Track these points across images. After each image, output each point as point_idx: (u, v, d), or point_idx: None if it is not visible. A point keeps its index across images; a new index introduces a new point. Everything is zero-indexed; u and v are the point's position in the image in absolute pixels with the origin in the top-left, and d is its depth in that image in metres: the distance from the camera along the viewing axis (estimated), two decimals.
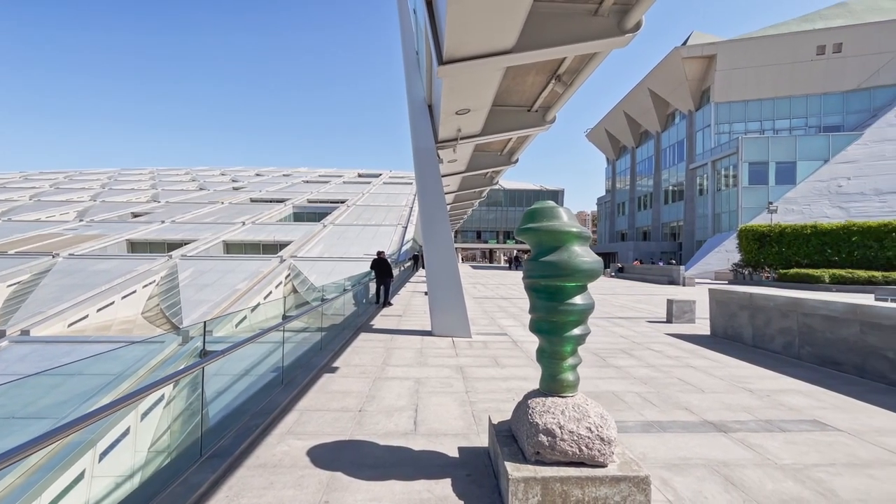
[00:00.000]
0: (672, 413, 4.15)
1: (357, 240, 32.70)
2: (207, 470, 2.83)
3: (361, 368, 5.61)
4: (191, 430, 3.06)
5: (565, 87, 7.09)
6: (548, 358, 2.80)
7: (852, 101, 36.21)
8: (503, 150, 12.73)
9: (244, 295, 23.26)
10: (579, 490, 2.39)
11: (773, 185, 34.08)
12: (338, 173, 74.55)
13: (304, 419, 3.87)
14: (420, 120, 8.07)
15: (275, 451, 3.23)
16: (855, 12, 38.53)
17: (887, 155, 31.94)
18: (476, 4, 3.83)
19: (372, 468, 2.98)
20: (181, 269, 27.28)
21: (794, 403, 4.46)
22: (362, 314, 10.16)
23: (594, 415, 2.59)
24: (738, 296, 7.63)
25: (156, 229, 36.10)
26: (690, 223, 42.41)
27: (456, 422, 3.86)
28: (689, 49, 39.07)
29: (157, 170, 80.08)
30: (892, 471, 3.03)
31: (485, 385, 4.99)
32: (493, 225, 76.43)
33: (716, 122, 39.12)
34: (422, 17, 5.32)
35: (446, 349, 6.86)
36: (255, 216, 39.53)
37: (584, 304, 2.71)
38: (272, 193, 52.89)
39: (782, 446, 3.42)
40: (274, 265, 27.27)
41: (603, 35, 4.82)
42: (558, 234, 2.67)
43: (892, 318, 5.09)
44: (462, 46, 4.67)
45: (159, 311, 23.28)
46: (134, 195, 52.05)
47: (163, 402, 3.61)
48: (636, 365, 6.01)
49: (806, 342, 6.27)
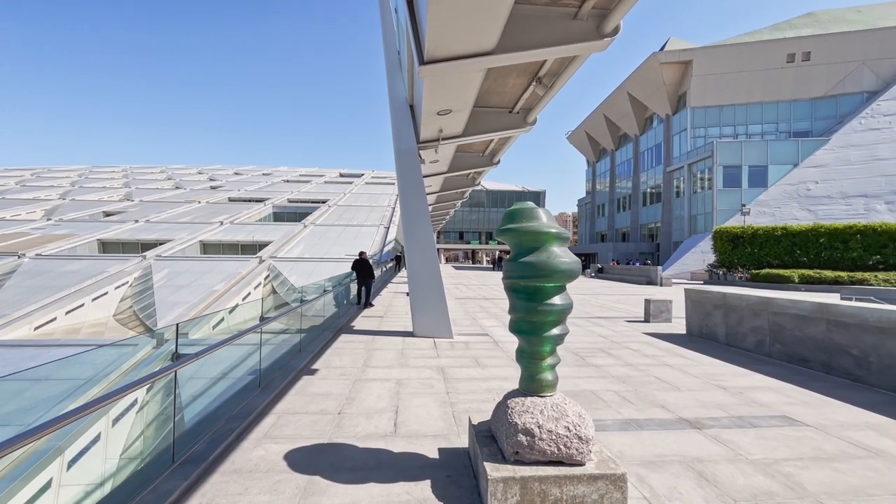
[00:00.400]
0: (649, 411, 4.23)
1: (338, 240, 32.39)
2: (179, 476, 2.75)
3: (341, 370, 5.55)
4: (163, 435, 2.97)
5: (546, 90, 7.16)
6: (527, 358, 2.81)
7: (820, 107, 37.63)
8: (485, 151, 12.79)
9: (222, 296, 22.78)
10: (557, 489, 2.40)
11: (746, 188, 35.15)
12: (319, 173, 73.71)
13: (282, 422, 3.80)
14: (402, 120, 8.04)
15: (250, 456, 3.16)
16: (822, 22, 40.10)
17: (852, 160, 33.30)
18: (457, 5, 3.84)
19: (351, 471, 2.95)
20: (156, 269, 26.54)
21: (765, 400, 4.59)
22: (343, 315, 10.05)
23: (572, 414, 2.61)
24: (713, 295, 7.84)
25: (129, 229, 35.04)
26: (668, 224, 43.38)
27: (436, 423, 3.85)
28: (667, 55, 39.98)
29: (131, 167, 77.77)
30: (855, 464, 3.15)
31: (466, 386, 4.99)
32: (475, 225, 76.69)
33: (692, 126, 40.12)
34: (403, 16, 5.30)
35: (428, 350, 6.84)
36: (233, 216, 38.76)
37: (562, 305, 2.74)
38: (251, 193, 51.94)
39: (753, 442, 3.52)
40: (253, 266, 26.79)
41: (582, 38, 4.89)
42: (538, 235, 2.69)
43: (856, 317, 5.30)
44: (443, 47, 4.67)
45: (132, 314, 22.59)
46: (106, 193, 50.40)
47: (135, 407, 3.50)
48: (614, 364, 6.10)
49: (776, 340, 6.47)
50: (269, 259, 27.55)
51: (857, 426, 3.88)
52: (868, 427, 3.86)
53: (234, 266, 26.75)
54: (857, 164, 32.96)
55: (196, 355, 2.90)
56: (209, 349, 3.06)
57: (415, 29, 4.86)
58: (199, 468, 2.89)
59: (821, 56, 36.57)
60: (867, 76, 36.26)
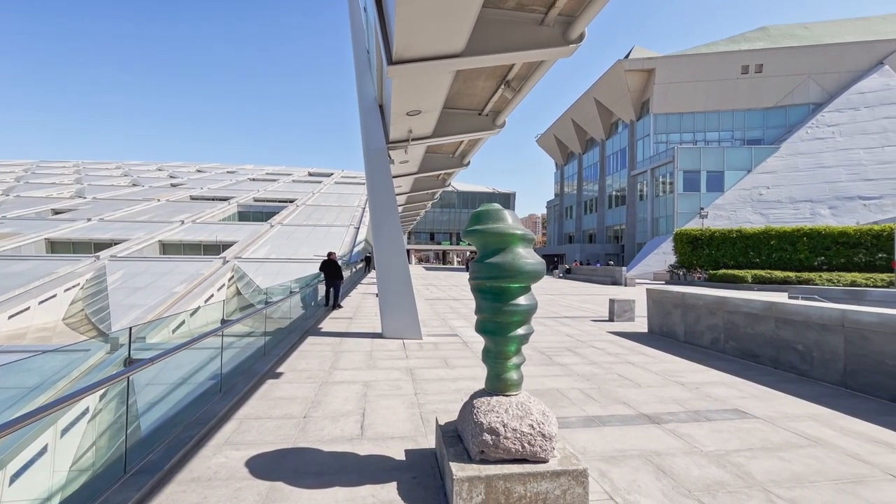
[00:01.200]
0: (611, 407, 4.35)
1: (307, 240, 31.75)
2: (132, 488, 2.62)
3: (308, 373, 5.44)
4: (115, 445, 2.82)
5: (514, 93, 7.28)
6: (493, 358, 2.84)
7: (771, 117, 39.88)
8: (455, 153, 12.85)
9: (182, 298, 21.92)
10: (521, 486, 2.44)
11: (705, 192, 36.81)
12: (287, 171, 72.06)
13: (244, 428, 3.69)
14: (371, 120, 7.97)
15: (210, 464, 3.05)
16: (773, 37, 42.53)
17: (800, 167, 35.45)
18: (425, 7, 3.84)
19: (315, 476, 2.89)
20: (110, 270, 25.24)
21: (719, 394, 4.82)
22: (310, 317, 9.86)
23: (536, 412, 2.66)
24: (672, 295, 8.16)
25: (81, 228, 33.17)
26: (632, 226, 44.86)
27: (404, 424, 3.83)
28: (631, 62, 41.38)
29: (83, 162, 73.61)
30: (799, 453, 3.35)
31: (434, 387, 4.99)
32: (446, 226, 76.91)
33: (654, 132, 41.67)
34: (372, 15, 5.26)
35: (396, 351, 6.80)
36: (195, 215, 37.33)
37: (527, 305, 2.79)
38: (215, 191, 50.18)
39: (708, 434, 3.69)
40: (216, 266, 25.91)
41: (548, 44, 4.99)
42: (503, 237, 2.73)
43: (801, 315, 5.64)
44: (412, 48, 4.66)
45: (84, 317, 21.40)
46: (55, 190, 47.49)
47: (86, 416, 3.31)
48: (580, 362, 6.25)
49: (730, 337, 6.80)
50: (233, 260, 26.71)
51: (800, 417, 4.13)
52: (811, 418, 4.12)
53: (196, 267, 25.78)
54: (804, 171, 35.12)
55: (151, 360, 2.78)
56: (166, 353, 2.94)
57: (384, 29, 4.83)
58: (154, 478, 2.76)
59: (772, 69, 38.76)
60: (813, 89, 38.71)
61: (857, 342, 4.97)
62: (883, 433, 3.76)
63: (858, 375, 4.94)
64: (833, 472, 3.05)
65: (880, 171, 33.13)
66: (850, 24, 44.05)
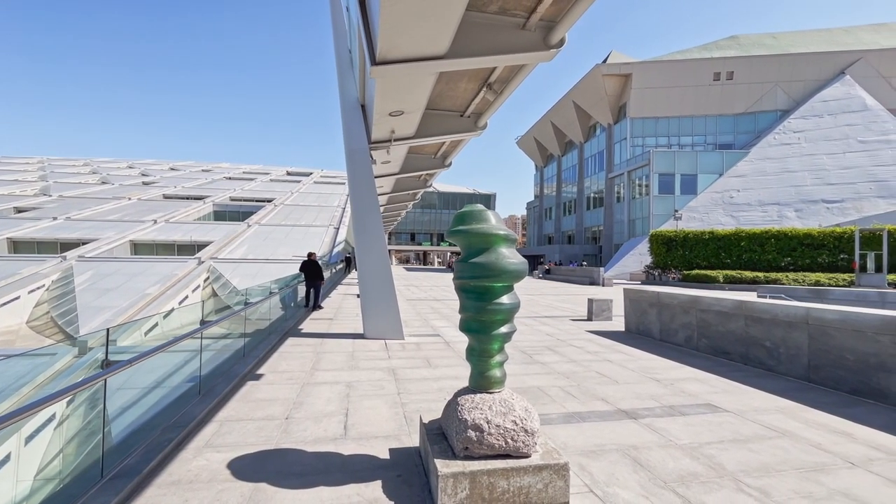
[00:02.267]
0: (590, 404, 4.47)
1: (285, 241, 31.24)
2: (109, 492, 2.57)
3: (289, 374, 5.39)
4: (90, 450, 2.76)
5: (496, 96, 7.37)
6: (477, 356, 2.89)
7: (741, 122, 41.31)
8: (437, 154, 12.90)
9: (155, 300, 21.30)
10: (505, 481, 2.50)
11: (679, 194, 37.84)
12: (264, 170, 70.73)
13: (225, 430, 3.64)
14: (353, 120, 7.94)
15: (190, 467, 3.01)
16: (744, 45, 44.09)
17: (768, 171, 36.83)
18: (410, 9, 3.87)
19: (299, 476, 2.89)
20: (77, 271, 24.33)
21: (693, 390, 5.00)
22: (290, 318, 9.73)
23: (519, 408, 2.72)
24: (648, 295, 8.39)
25: (46, 227, 31.84)
26: (609, 228, 45.76)
27: (387, 424, 3.85)
28: (608, 67, 42.23)
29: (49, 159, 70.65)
30: (766, 443, 3.52)
31: (417, 386, 5.02)
32: (427, 227, 76.84)
33: (631, 136, 42.61)
34: (355, 15, 5.26)
35: (378, 352, 6.79)
36: (168, 214, 36.29)
37: (510, 304, 2.84)
38: (189, 190, 48.85)
39: (682, 428, 3.83)
40: (191, 267, 25.26)
41: (530, 48, 5.09)
42: (487, 237, 2.78)
43: (768, 313, 5.89)
44: (395, 49, 4.69)
45: (49, 320, 20.56)
46: (18, 187, 45.41)
47: (54, 421, 3.21)
48: (560, 361, 6.38)
49: (703, 335, 7.04)
50: (209, 260, 26.08)
51: (768, 410, 4.32)
52: (778, 411, 4.31)
53: (170, 267, 25.08)
54: (772, 175, 36.51)
55: (129, 362, 2.72)
56: (143, 355, 2.88)
57: (367, 29, 4.84)
58: (133, 481, 2.71)
59: (742, 76, 40.16)
60: (780, 96, 40.28)
61: (819, 338, 5.23)
62: (843, 424, 3.97)
63: (821, 370, 5.20)
64: (798, 461, 3.21)
65: (842, 175, 34.72)
66: (815, 35, 46.04)
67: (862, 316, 4.80)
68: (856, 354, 4.84)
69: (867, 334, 4.73)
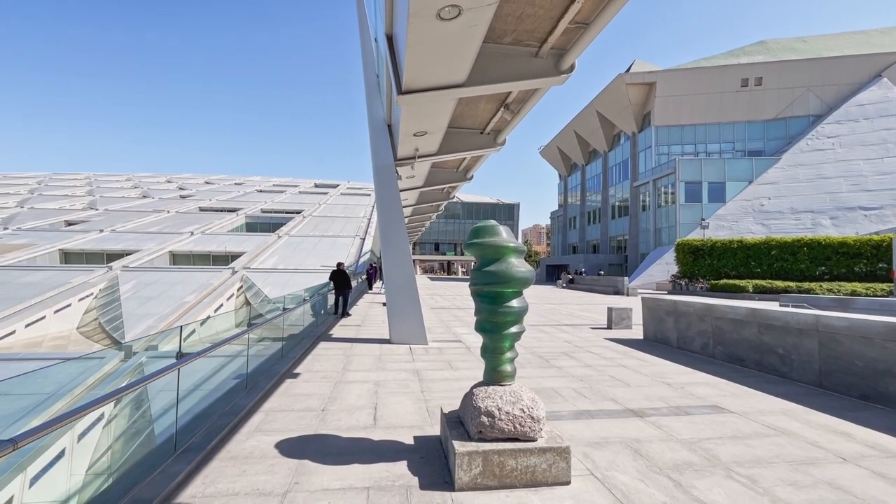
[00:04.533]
0: (600, 404, 4.78)
1: (313, 251, 32.30)
2: (182, 462, 3.09)
3: (323, 374, 5.90)
4: (164, 428, 3.29)
5: (513, 115, 7.81)
6: (490, 353, 3.31)
7: (771, 129, 40.34)
8: (459, 168, 13.40)
9: (193, 308, 22.43)
10: (513, 460, 2.89)
11: (706, 202, 37.14)
12: (294, 183, 73.08)
13: (270, 418, 4.15)
14: (380, 139, 8.52)
15: (244, 446, 3.52)
16: (772, 50, 43.20)
17: (800, 178, 35.78)
18: (430, 50, 4.38)
19: (336, 456, 3.35)
20: (123, 280, 25.85)
21: (702, 393, 5.23)
22: (321, 324, 10.33)
23: (527, 399, 3.11)
24: (665, 303, 8.57)
25: (93, 238, 33.95)
26: (635, 237, 45.17)
27: (412, 416, 4.28)
28: (632, 76, 42.09)
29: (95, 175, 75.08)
30: (763, 440, 3.77)
31: (439, 385, 5.44)
32: (451, 237, 77.49)
33: (656, 144, 42.19)
34: (383, 48, 5.82)
35: (404, 355, 7.25)
36: (204, 226, 38.06)
37: (519, 307, 3.25)
38: (223, 202, 51.04)
39: (685, 426, 4.10)
40: (225, 277, 26.45)
41: (542, 74, 5.52)
42: (498, 248, 3.21)
43: (780, 321, 6.05)
44: (419, 80, 5.20)
45: (98, 326, 21.95)
46: (68, 202, 48.52)
47: (142, 401, 3.74)
48: (575, 365, 6.67)
49: (718, 343, 7.20)
50: (241, 270, 27.26)
51: (773, 412, 4.54)
52: (782, 413, 4.52)
53: (206, 277, 26.34)
54: (805, 182, 35.43)
55: (199, 353, 3.26)
56: (212, 347, 3.42)
57: (394, 63, 5.38)
58: (200, 455, 3.23)
59: (771, 81, 39.32)
60: (813, 101, 39.18)
61: (829, 345, 5.38)
62: (845, 425, 4.16)
63: (832, 376, 5.34)
64: (791, 455, 3.47)
65: (880, 181, 33.39)
66: (849, 38, 44.67)
67: (869, 323, 4.95)
68: (864, 360, 4.98)
69: (874, 341, 4.88)
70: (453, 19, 3.76)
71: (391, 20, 5.00)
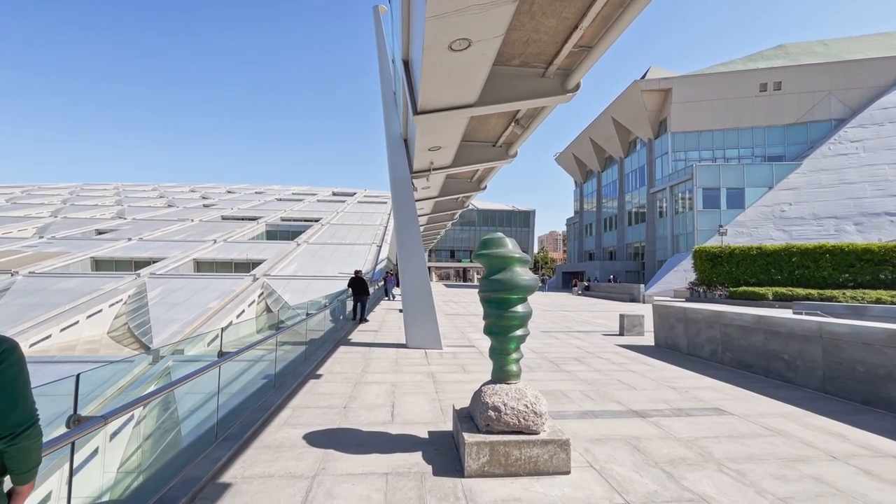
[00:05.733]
0: (605, 405, 5.03)
1: (332, 258, 32.98)
2: (223, 449, 3.49)
3: (343, 375, 6.28)
4: (206, 419, 3.70)
5: (523, 130, 8.14)
6: (497, 354, 3.63)
7: (792, 133, 39.69)
8: (472, 178, 13.77)
9: (216, 314, 23.20)
10: (517, 451, 3.19)
11: (725, 209, 36.68)
12: (311, 191, 74.52)
13: (297, 414, 4.54)
14: (396, 153, 8.95)
15: (276, 437, 3.90)
16: (792, 54, 42.59)
17: (823, 183, 35.08)
18: (443, 75, 4.76)
19: (358, 446, 3.70)
20: (150, 287, 26.87)
21: (705, 397, 5.43)
22: (340, 329, 10.76)
23: (530, 395, 3.42)
24: (675, 310, 8.73)
25: (122, 247, 35.30)
26: (652, 244, 44.76)
27: (426, 414, 4.61)
28: (647, 83, 42.01)
29: (122, 185, 77.94)
30: (758, 439, 3.98)
31: (452, 387, 5.76)
32: (466, 244, 77.80)
33: (672, 150, 41.90)
34: (400, 70, 6.24)
35: (419, 359, 7.59)
36: (226, 234, 39.24)
37: (524, 312, 3.57)
38: (244, 211, 52.44)
39: (685, 426, 4.33)
40: (247, 284, 27.23)
41: (549, 94, 5.84)
42: (504, 259, 3.54)
43: (785, 327, 6.20)
44: (433, 101, 5.59)
45: (127, 331, 22.89)
46: (98, 211, 50.56)
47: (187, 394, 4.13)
48: (584, 370, 6.91)
49: (727, 349, 7.34)
50: (262, 277, 28.04)
51: (772, 415, 4.72)
52: (781, 415, 4.70)
53: (229, 284, 27.18)
54: (827, 187, 34.72)
55: (238, 352, 3.67)
56: (247, 348, 3.83)
57: (410, 85, 5.78)
58: (237, 444, 3.62)
59: (791, 86, 38.78)
60: (835, 104, 38.47)
61: (832, 351, 5.52)
62: (841, 427, 4.34)
63: (835, 381, 5.48)
64: (783, 453, 3.68)
65: None
66: (872, 40, 43.76)
67: (869, 329, 5.10)
68: (866, 366, 5.12)
69: (875, 347, 5.03)
70: (464, 50, 4.14)
71: (407, 47, 5.41)
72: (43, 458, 1.80)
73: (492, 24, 3.80)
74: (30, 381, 1.43)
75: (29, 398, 1.41)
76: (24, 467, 1.42)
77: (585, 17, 4.47)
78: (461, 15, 3.56)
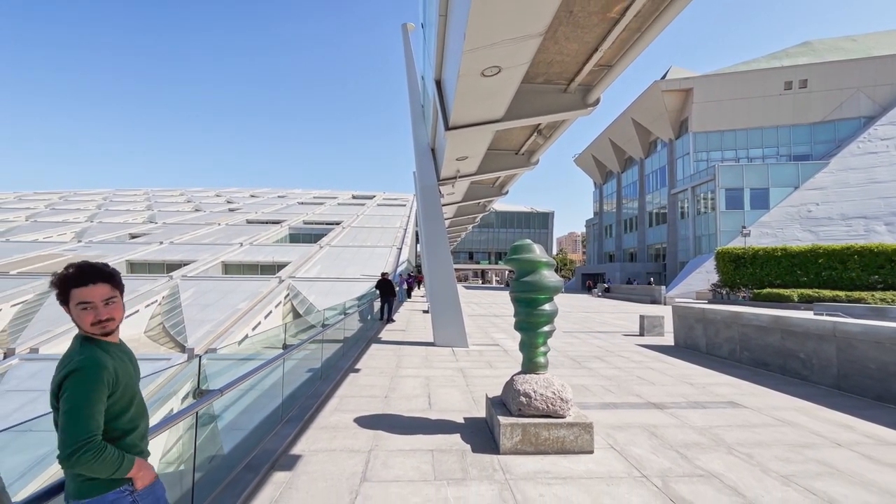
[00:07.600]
0: (625, 398, 5.41)
1: (353, 261, 33.79)
2: (289, 428, 4.03)
3: (380, 370, 6.81)
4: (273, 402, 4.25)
5: (545, 139, 8.55)
6: (527, 347, 4.08)
7: (818, 132, 38.84)
8: (495, 184, 14.22)
9: (245, 314, 24.14)
10: (546, 432, 3.63)
11: (749, 209, 36.13)
12: (332, 195, 75.98)
13: (344, 402, 5.06)
14: (425, 161, 9.46)
15: (330, 420, 4.43)
16: (818, 51, 41.65)
17: (851, 182, 34.25)
18: (475, 96, 5.24)
19: (403, 428, 4.20)
20: (182, 289, 28.02)
21: (721, 392, 5.75)
22: (370, 329, 11.33)
23: (557, 384, 3.86)
24: (694, 310, 8.99)
25: (155, 250, 36.82)
26: (673, 245, 44.30)
27: (460, 403, 5.08)
28: (668, 83, 41.71)
29: (152, 190, 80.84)
30: (769, 429, 4.31)
31: (481, 381, 6.21)
32: (485, 246, 78.05)
33: (694, 151, 41.46)
34: (431, 90, 6.74)
35: (448, 356, 8.07)
36: (252, 237, 40.50)
37: (551, 310, 4.01)
38: (268, 215, 53.94)
39: (700, 417, 4.69)
40: (273, 286, 28.16)
41: (571, 108, 6.26)
42: (532, 263, 3.99)
43: (801, 327, 6.46)
44: (463, 118, 6.07)
45: (163, 330, 24.04)
46: (130, 216, 52.73)
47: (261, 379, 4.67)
48: (605, 367, 7.28)
49: (745, 348, 7.60)
50: (287, 279, 28.96)
51: (785, 409, 5.03)
52: (793, 409, 5.01)
53: (256, 286, 28.18)
54: (856, 187, 33.89)
55: (298, 346, 4.21)
56: (306, 341, 4.38)
57: (442, 104, 6.28)
58: (299, 425, 4.16)
59: (817, 83, 37.98)
60: (864, 102, 37.50)
61: (846, 350, 5.78)
62: (849, 419, 4.63)
63: (849, 379, 5.73)
64: (791, 440, 4.02)
65: None
66: None
67: (880, 328, 5.36)
68: (877, 363, 5.38)
69: (885, 345, 5.28)
70: (494, 76, 4.61)
71: (440, 70, 5.90)
72: (181, 420, 2.34)
73: (520, 54, 4.26)
74: (90, 399, 1.35)
75: (70, 427, 1.32)
76: (103, 475, 1.39)
77: (605, 41, 4.88)
78: (494, 47, 4.03)
